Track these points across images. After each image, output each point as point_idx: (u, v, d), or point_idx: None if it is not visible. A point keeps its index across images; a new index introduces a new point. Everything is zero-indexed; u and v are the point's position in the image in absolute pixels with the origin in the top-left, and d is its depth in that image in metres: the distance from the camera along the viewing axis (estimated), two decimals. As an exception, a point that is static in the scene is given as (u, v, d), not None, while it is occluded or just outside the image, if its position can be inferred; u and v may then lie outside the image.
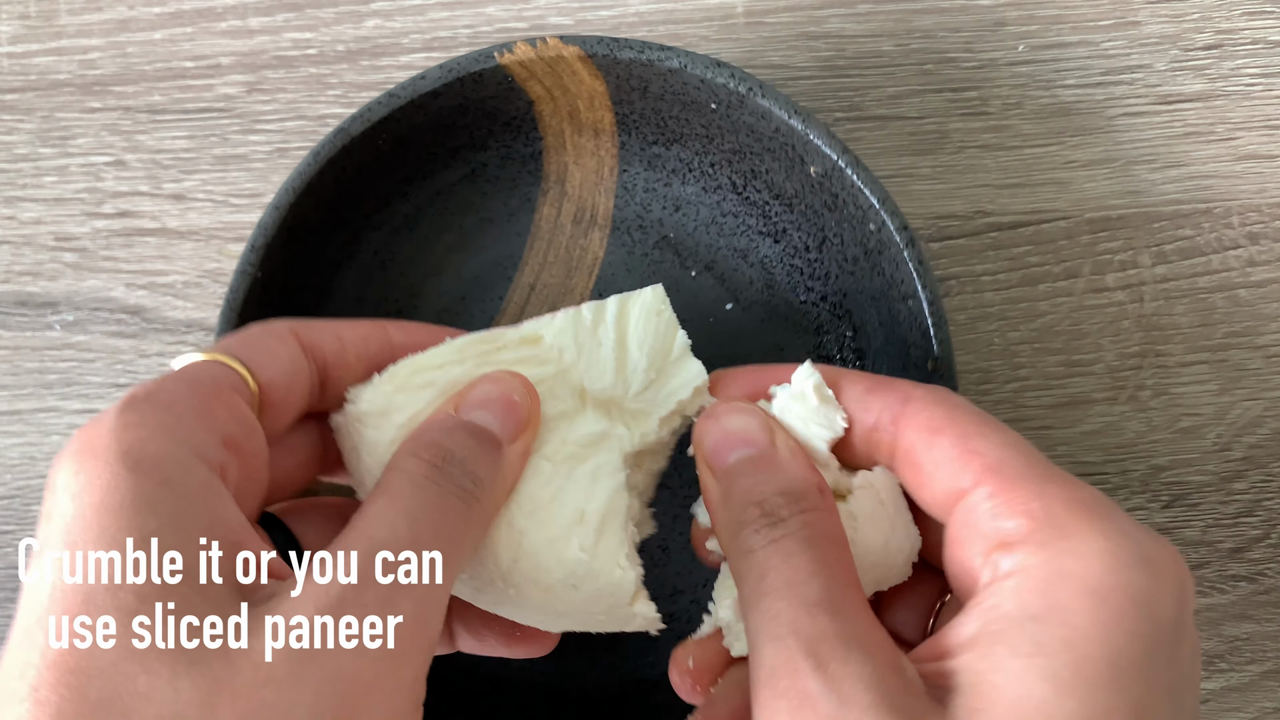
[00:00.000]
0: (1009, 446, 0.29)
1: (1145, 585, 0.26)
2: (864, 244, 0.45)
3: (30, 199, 0.54)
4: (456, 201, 0.51)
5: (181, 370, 0.31)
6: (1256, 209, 0.52)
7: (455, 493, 0.30)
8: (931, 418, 0.30)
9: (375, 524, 0.28)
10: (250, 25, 0.55)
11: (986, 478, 0.28)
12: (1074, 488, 0.28)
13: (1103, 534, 0.26)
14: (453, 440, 0.31)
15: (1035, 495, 0.27)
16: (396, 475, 0.30)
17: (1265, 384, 0.51)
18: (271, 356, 0.32)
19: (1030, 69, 0.53)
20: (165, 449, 0.27)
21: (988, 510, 0.28)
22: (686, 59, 0.43)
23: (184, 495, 0.27)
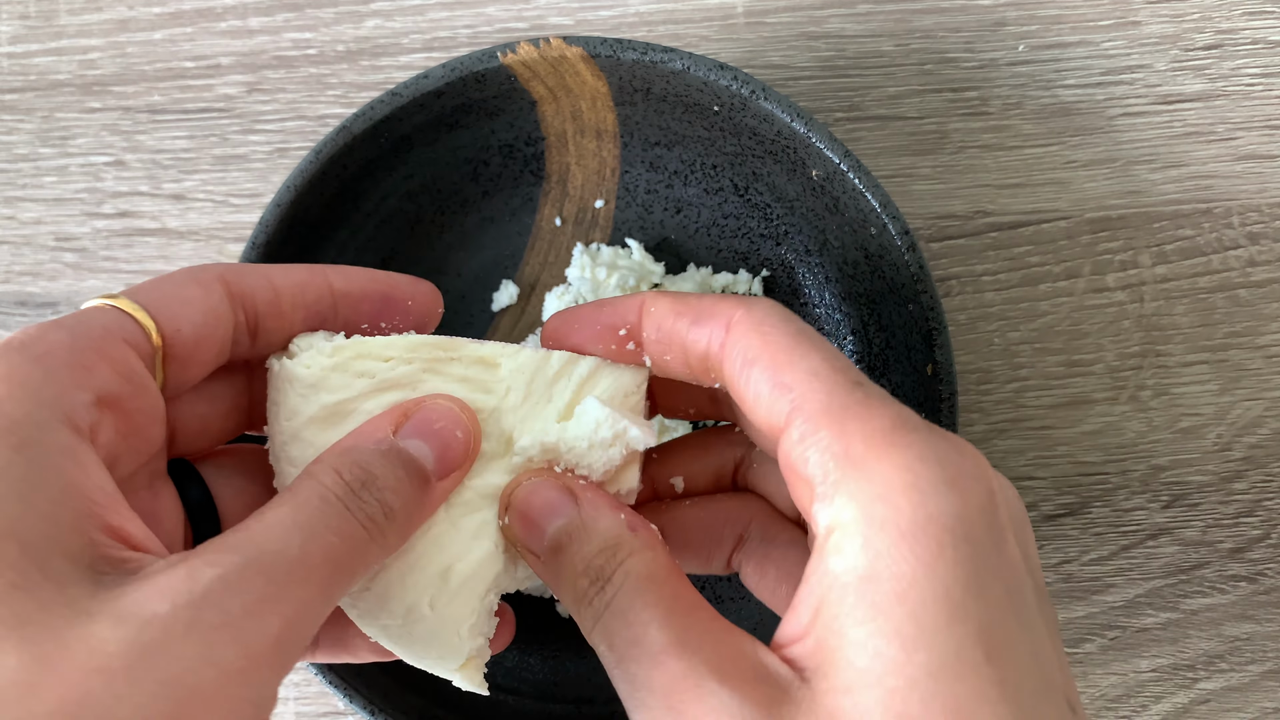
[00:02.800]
0: (814, 375, 0.28)
1: (953, 508, 0.26)
2: (864, 247, 0.45)
3: (30, 199, 0.54)
4: (458, 200, 0.51)
5: (70, 317, 0.29)
6: (1256, 209, 0.52)
7: (363, 520, 0.29)
8: (748, 348, 0.30)
9: (268, 532, 0.27)
10: (250, 25, 0.54)
11: (794, 415, 0.28)
12: (872, 415, 0.27)
13: (902, 466, 0.26)
14: (380, 466, 0.30)
15: (836, 434, 0.27)
16: (309, 485, 0.29)
17: (1265, 384, 0.51)
18: (185, 304, 0.31)
19: (1030, 69, 0.53)
20: (26, 410, 0.26)
21: (800, 455, 0.28)
22: (690, 61, 0.43)
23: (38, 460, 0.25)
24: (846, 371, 0.29)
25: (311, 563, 0.27)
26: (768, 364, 0.29)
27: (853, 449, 0.27)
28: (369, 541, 0.29)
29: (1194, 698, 0.50)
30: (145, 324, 0.30)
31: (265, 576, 0.26)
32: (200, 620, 0.24)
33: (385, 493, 0.30)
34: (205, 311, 0.31)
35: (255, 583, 0.25)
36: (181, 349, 0.31)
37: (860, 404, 0.28)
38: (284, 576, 0.26)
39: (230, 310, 0.32)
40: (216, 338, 0.32)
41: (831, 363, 0.29)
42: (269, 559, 0.26)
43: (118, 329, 0.29)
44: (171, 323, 0.30)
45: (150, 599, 0.24)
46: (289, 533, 0.27)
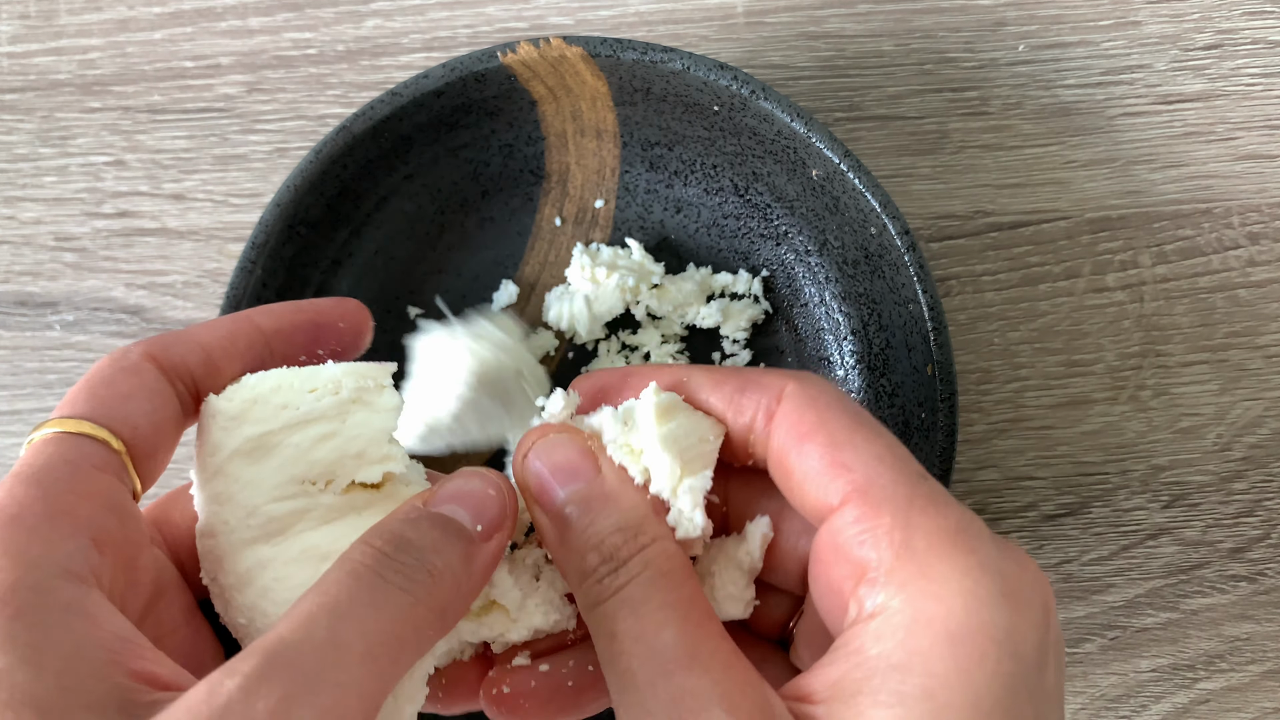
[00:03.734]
0: (878, 460, 0.28)
1: (1007, 622, 0.25)
2: (865, 247, 0.45)
3: (30, 199, 0.54)
4: (458, 200, 0.51)
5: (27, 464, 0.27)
6: (1256, 209, 0.52)
7: (401, 584, 0.26)
8: (801, 421, 0.29)
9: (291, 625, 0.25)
10: (250, 25, 0.54)
11: (854, 497, 0.27)
12: (939, 513, 0.27)
13: (963, 570, 0.26)
14: (413, 530, 0.28)
15: (900, 524, 0.26)
16: (337, 568, 0.27)
17: (1265, 384, 0.51)
18: (127, 399, 0.29)
19: (1030, 69, 0.53)
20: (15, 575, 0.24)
21: (853, 536, 0.27)
22: (690, 61, 0.43)
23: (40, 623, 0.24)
24: (910, 462, 0.28)
25: (344, 642, 0.25)
26: (825, 441, 0.28)
27: (914, 542, 0.26)
28: (414, 605, 0.27)
29: (1194, 698, 0.50)
30: (107, 440, 0.28)
31: (291, 671, 0.24)
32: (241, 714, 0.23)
33: (425, 553, 0.28)
34: (149, 398, 0.30)
35: (280, 680, 0.24)
36: (144, 446, 0.29)
37: (927, 499, 0.27)
38: (314, 665, 0.24)
39: (170, 388, 0.31)
40: (169, 420, 0.30)
41: (895, 451, 0.28)
42: (292, 651, 0.24)
43: (80, 457, 0.27)
44: (126, 424, 0.29)
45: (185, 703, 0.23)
46: (315, 619, 0.25)
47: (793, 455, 0.29)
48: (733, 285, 0.50)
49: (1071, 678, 0.50)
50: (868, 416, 0.29)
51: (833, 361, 0.50)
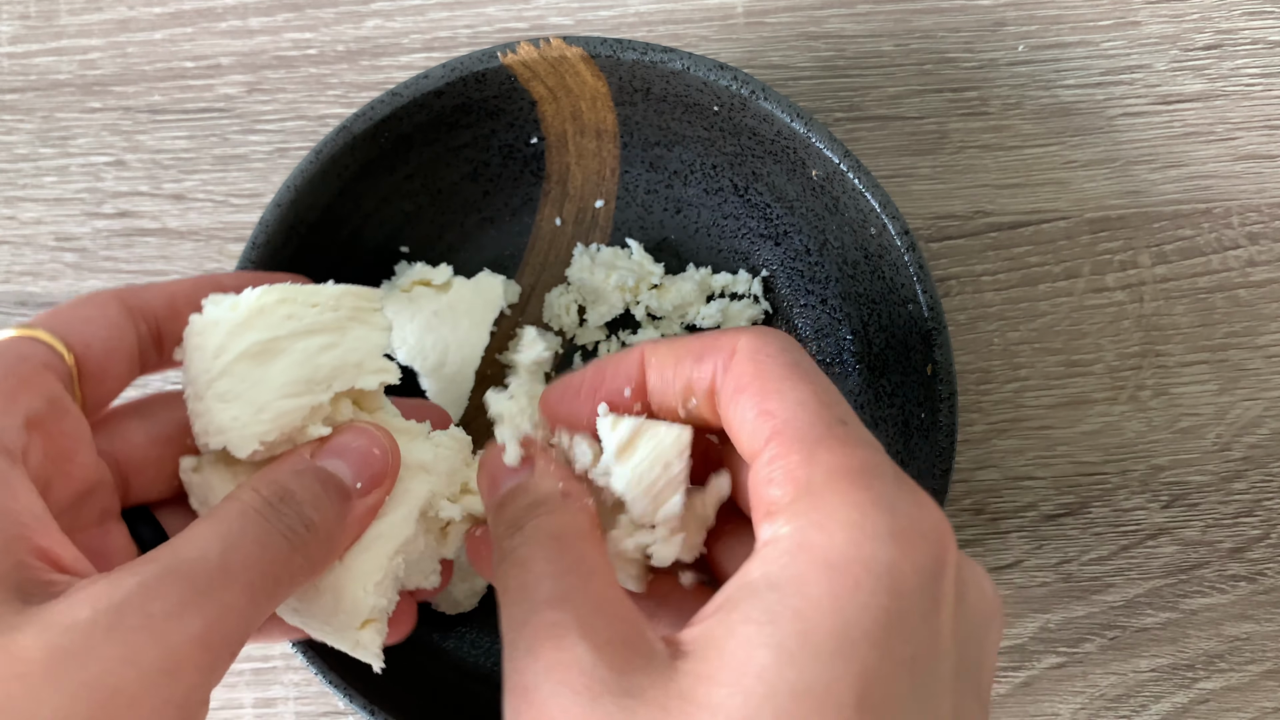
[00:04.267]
0: (800, 405, 0.28)
1: (888, 558, 0.25)
2: (864, 248, 0.46)
3: (30, 199, 0.54)
4: (458, 201, 0.51)
5: None
6: (1256, 209, 0.52)
7: (284, 532, 0.30)
8: (740, 375, 0.30)
9: (188, 543, 0.28)
10: (250, 25, 0.54)
11: (773, 440, 0.28)
12: (845, 452, 0.27)
13: (853, 504, 0.26)
14: (296, 482, 0.31)
15: (805, 461, 0.27)
16: (228, 504, 0.30)
17: (1265, 384, 0.51)
18: (86, 322, 0.32)
19: (1030, 69, 0.53)
20: None
21: (764, 475, 0.28)
22: (690, 61, 0.43)
23: None
24: (833, 407, 0.29)
25: (232, 569, 0.28)
26: (757, 391, 0.29)
27: (814, 478, 0.27)
28: (291, 552, 0.30)
29: (1193, 697, 0.50)
30: (56, 346, 0.31)
31: (186, 582, 0.26)
32: (121, 624, 0.25)
33: (303, 506, 0.31)
34: (108, 326, 0.32)
35: (176, 587, 0.26)
36: (94, 365, 0.32)
37: (837, 440, 0.28)
38: (205, 582, 0.27)
39: (131, 322, 0.33)
40: (123, 349, 0.33)
41: (820, 396, 0.29)
42: (188, 565, 0.27)
43: (34, 355, 0.30)
44: (80, 341, 0.31)
45: (72, 608, 0.25)
46: (208, 541, 0.28)
47: (730, 408, 0.30)
48: (733, 285, 0.50)
49: (1071, 678, 0.51)
50: (807, 365, 0.30)
51: (833, 361, 0.50)
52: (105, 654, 0.24)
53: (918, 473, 0.44)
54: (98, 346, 0.32)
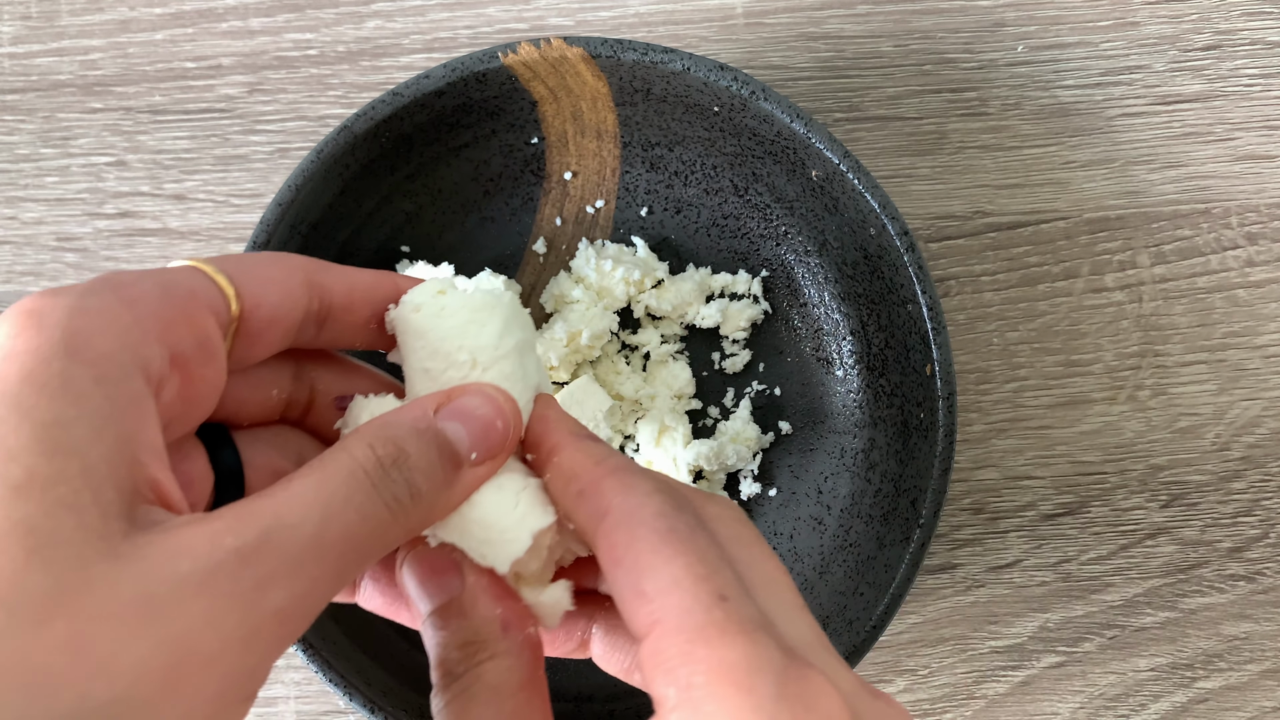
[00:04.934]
0: (675, 585, 0.27)
1: None
2: (864, 248, 0.46)
3: (32, 199, 0.54)
4: (459, 200, 0.51)
5: (160, 271, 0.29)
6: (1255, 209, 0.52)
7: (388, 501, 0.29)
8: (613, 545, 0.29)
9: (290, 505, 0.27)
10: (251, 26, 0.55)
11: (652, 628, 0.27)
12: (725, 645, 0.26)
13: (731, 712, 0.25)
14: (414, 444, 0.30)
15: (684, 658, 0.26)
16: (339, 458, 0.29)
17: (1264, 384, 0.51)
18: (267, 282, 0.31)
19: (1029, 69, 0.53)
20: (111, 348, 0.26)
21: (648, 668, 0.27)
22: (690, 62, 0.43)
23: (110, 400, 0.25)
24: (711, 579, 0.28)
25: (327, 541, 0.27)
26: (629, 565, 0.28)
27: (695, 679, 0.26)
28: (391, 523, 0.29)
29: (1193, 697, 0.50)
30: (228, 292, 0.30)
31: (279, 554, 0.26)
32: (211, 586, 0.25)
33: (415, 473, 0.29)
34: (285, 293, 0.31)
35: (270, 558, 0.26)
36: (255, 325, 0.31)
37: (717, 628, 0.26)
38: (297, 555, 0.26)
39: (307, 297, 0.32)
40: (290, 320, 0.32)
41: (695, 570, 0.28)
42: (285, 535, 0.26)
43: (203, 294, 0.29)
44: (252, 297, 0.30)
45: (171, 556, 0.25)
46: (309, 508, 0.27)
47: (609, 580, 0.29)
48: (733, 285, 0.51)
49: (1070, 677, 0.51)
50: (683, 526, 0.29)
51: (832, 361, 0.50)
52: (191, 612, 0.24)
53: (917, 472, 0.44)
54: (267, 309, 0.31)
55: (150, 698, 0.24)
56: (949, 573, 0.51)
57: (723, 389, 0.51)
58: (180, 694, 0.24)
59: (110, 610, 0.23)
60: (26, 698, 0.22)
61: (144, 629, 0.24)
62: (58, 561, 0.23)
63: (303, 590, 0.26)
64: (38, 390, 0.24)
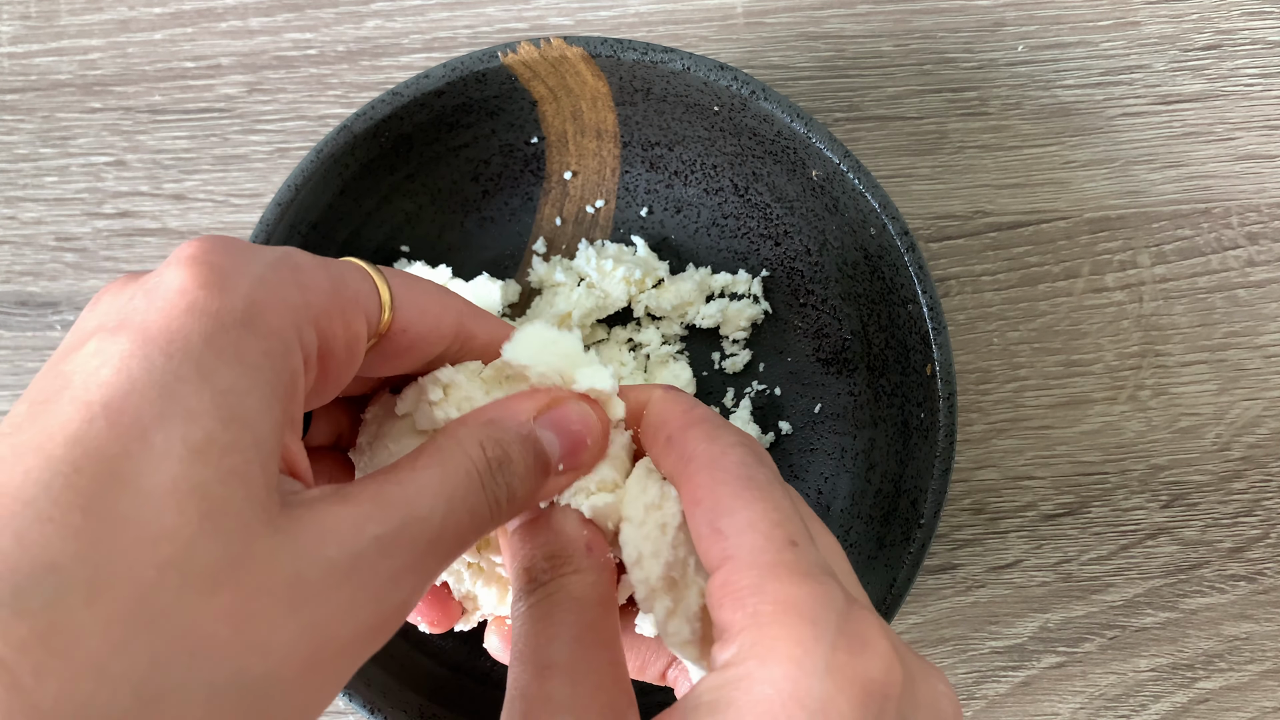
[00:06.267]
0: (751, 527, 0.29)
1: (822, 693, 0.26)
2: (864, 248, 0.46)
3: (31, 199, 0.54)
4: (458, 200, 0.51)
5: (335, 263, 0.30)
6: (1255, 209, 0.52)
7: (490, 502, 0.30)
8: (696, 486, 0.30)
9: (419, 499, 0.28)
10: (250, 25, 0.55)
11: (724, 562, 0.28)
12: (793, 582, 0.27)
13: (795, 639, 0.26)
14: (517, 449, 0.31)
15: (754, 589, 0.27)
16: (457, 456, 0.30)
17: (1264, 384, 0.51)
18: (422, 313, 0.32)
19: (1029, 69, 0.53)
20: (281, 325, 0.26)
21: (717, 598, 0.28)
22: (690, 61, 0.43)
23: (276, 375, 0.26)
24: (784, 525, 0.29)
25: (446, 536, 0.28)
26: (710, 508, 0.29)
27: (761, 607, 0.27)
28: (490, 519, 0.30)
29: (1193, 697, 0.50)
30: (385, 305, 0.31)
31: (410, 545, 0.27)
32: (355, 575, 0.25)
33: (514, 479, 0.30)
34: (434, 327, 0.32)
35: (404, 551, 0.27)
36: (395, 347, 0.32)
37: (786, 567, 0.28)
38: (425, 548, 0.27)
39: (451, 338, 0.33)
40: (428, 354, 0.33)
41: (771, 515, 0.29)
42: (417, 528, 0.27)
43: (365, 300, 0.30)
44: (404, 320, 0.31)
45: (321, 539, 0.25)
46: (436, 503, 0.28)
47: (690, 520, 0.30)
48: (733, 285, 0.50)
49: (1071, 677, 0.51)
50: (763, 476, 0.30)
51: (832, 361, 0.50)
52: (336, 600, 0.25)
53: (917, 472, 0.44)
54: (412, 336, 0.32)
55: (292, 678, 0.24)
56: (949, 573, 0.51)
57: (723, 389, 0.51)
58: (315, 677, 0.25)
59: (269, 586, 0.24)
60: (190, 663, 0.22)
61: (295, 610, 0.24)
62: (227, 531, 0.24)
63: (422, 583, 0.28)
64: (216, 355, 0.25)
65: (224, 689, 0.23)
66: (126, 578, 0.22)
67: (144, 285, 0.26)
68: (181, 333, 0.25)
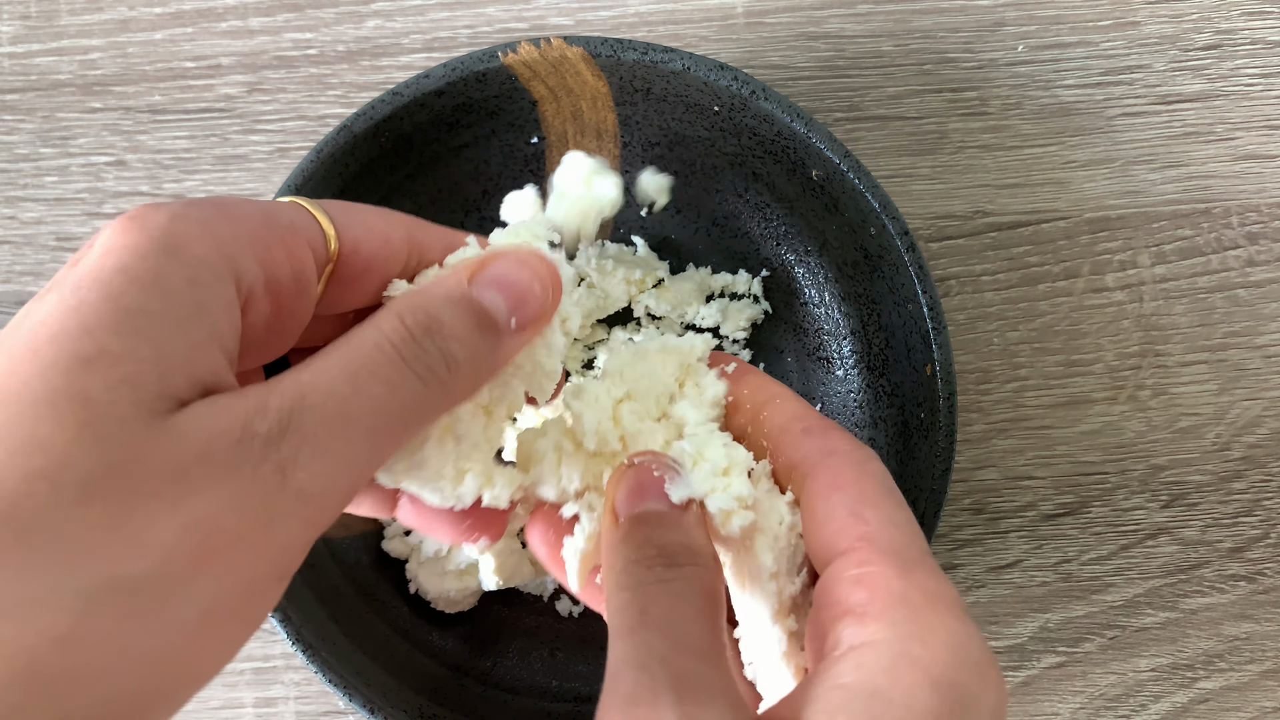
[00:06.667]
0: (894, 524, 0.29)
1: (975, 689, 0.26)
2: (864, 248, 0.46)
3: (31, 199, 0.54)
4: (458, 200, 0.51)
5: (265, 201, 0.29)
6: (1255, 209, 0.52)
7: (420, 373, 0.28)
8: (840, 474, 0.30)
9: (314, 382, 0.27)
10: (251, 25, 0.55)
11: (861, 545, 0.28)
12: (937, 580, 0.28)
13: (952, 630, 0.26)
14: (448, 312, 0.29)
15: (900, 575, 0.27)
16: (365, 332, 0.28)
17: (1264, 384, 0.51)
18: (368, 230, 0.31)
19: (1029, 69, 0.53)
20: (207, 253, 0.26)
21: (852, 577, 0.28)
22: (690, 61, 0.43)
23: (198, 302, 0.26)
24: (922, 539, 0.29)
25: (352, 416, 0.27)
26: (854, 494, 0.30)
27: (911, 593, 0.27)
28: (424, 393, 0.28)
29: (1193, 697, 0.50)
30: (328, 232, 0.30)
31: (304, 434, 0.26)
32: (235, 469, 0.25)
33: (450, 342, 0.29)
34: (384, 242, 0.31)
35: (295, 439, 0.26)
36: (350, 271, 0.31)
37: (929, 567, 0.28)
38: (325, 433, 0.26)
39: (406, 251, 0.32)
40: (387, 270, 0.32)
41: (913, 525, 0.29)
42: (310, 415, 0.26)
43: (304, 228, 0.29)
44: (352, 241, 0.31)
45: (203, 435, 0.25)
46: (334, 383, 0.27)
47: (820, 498, 0.30)
48: (733, 285, 0.50)
49: (1071, 677, 0.51)
50: (899, 493, 0.31)
51: (832, 361, 0.50)
52: (218, 493, 0.24)
53: (917, 472, 0.44)
54: (364, 255, 0.31)
55: (181, 575, 0.24)
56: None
57: (723, 389, 0.51)
58: (209, 571, 0.24)
59: (148, 487, 0.24)
60: (60, 570, 0.22)
61: (175, 506, 0.24)
62: (106, 437, 0.23)
63: (327, 469, 0.26)
64: (128, 280, 0.25)
65: (99, 591, 0.23)
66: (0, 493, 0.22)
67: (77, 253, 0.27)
68: (95, 270, 0.25)
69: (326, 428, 0.26)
